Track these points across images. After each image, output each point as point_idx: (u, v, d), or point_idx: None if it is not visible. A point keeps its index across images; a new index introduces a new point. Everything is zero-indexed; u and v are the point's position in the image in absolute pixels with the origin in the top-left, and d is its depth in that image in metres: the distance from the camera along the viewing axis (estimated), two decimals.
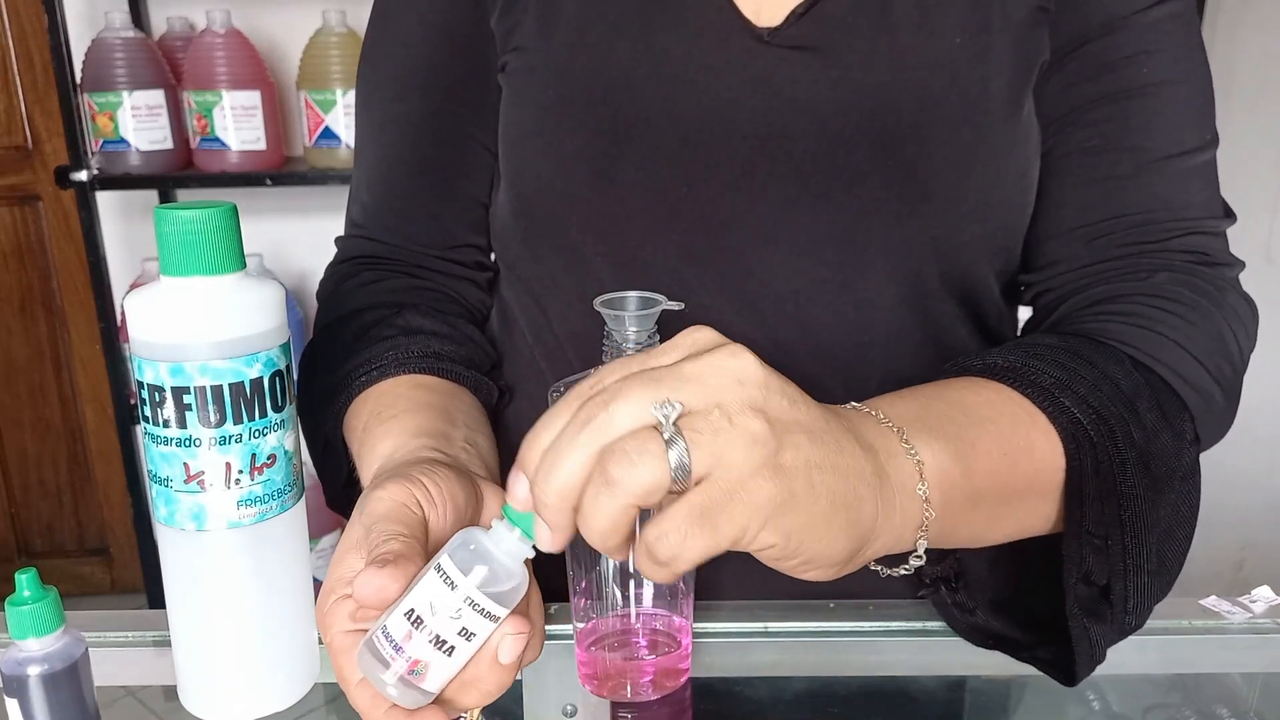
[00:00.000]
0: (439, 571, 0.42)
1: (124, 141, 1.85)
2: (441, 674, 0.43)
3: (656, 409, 0.38)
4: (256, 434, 0.48)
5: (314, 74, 1.87)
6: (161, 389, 0.46)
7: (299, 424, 0.53)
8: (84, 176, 1.84)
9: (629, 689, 0.57)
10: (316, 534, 1.85)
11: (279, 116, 1.94)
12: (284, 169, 1.93)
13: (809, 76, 0.61)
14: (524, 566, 0.44)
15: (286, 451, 0.50)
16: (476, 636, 0.42)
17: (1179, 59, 0.62)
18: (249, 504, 0.48)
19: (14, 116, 2.23)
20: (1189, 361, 0.58)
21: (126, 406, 1.97)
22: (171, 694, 0.53)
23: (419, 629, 0.42)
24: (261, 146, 1.88)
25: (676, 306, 0.51)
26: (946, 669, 0.65)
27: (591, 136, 0.63)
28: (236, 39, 1.85)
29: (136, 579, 2.33)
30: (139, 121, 1.84)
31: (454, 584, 0.42)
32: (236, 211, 0.47)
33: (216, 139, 1.85)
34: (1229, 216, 0.64)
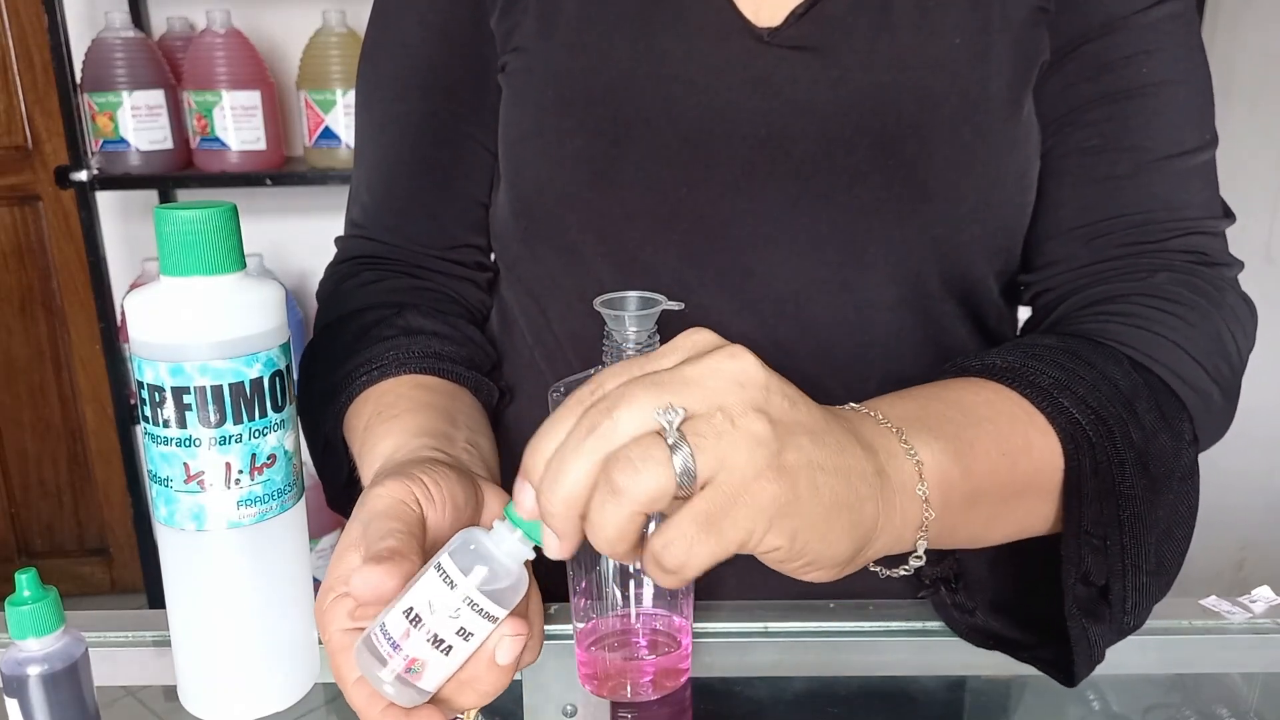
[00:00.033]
0: (439, 570, 0.42)
1: (124, 141, 1.85)
2: (438, 673, 0.43)
3: (660, 414, 0.38)
4: (256, 434, 0.48)
5: (314, 74, 1.87)
6: (161, 389, 0.46)
7: (299, 424, 0.53)
8: (84, 176, 1.84)
9: (629, 689, 0.57)
10: (316, 534, 1.85)
11: (279, 116, 1.94)
12: (284, 169, 1.93)
13: (809, 77, 0.61)
14: (524, 568, 0.44)
15: (286, 451, 0.50)
16: (474, 636, 0.42)
17: (1179, 59, 0.62)
18: (249, 504, 0.48)
19: (14, 116, 2.23)
20: (1187, 362, 0.58)
21: (126, 406, 1.97)
22: (171, 694, 0.53)
23: (417, 627, 0.42)
24: (261, 146, 1.88)
25: (676, 306, 0.51)
26: (946, 669, 0.65)
27: (591, 137, 0.63)
28: (236, 39, 1.85)
29: (136, 579, 2.33)
30: (139, 121, 1.84)
31: (453, 583, 0.42)
32: (236, 211, 0.47)
33: (216, 139, 1.85)
34: (1228, 217, 0.64)
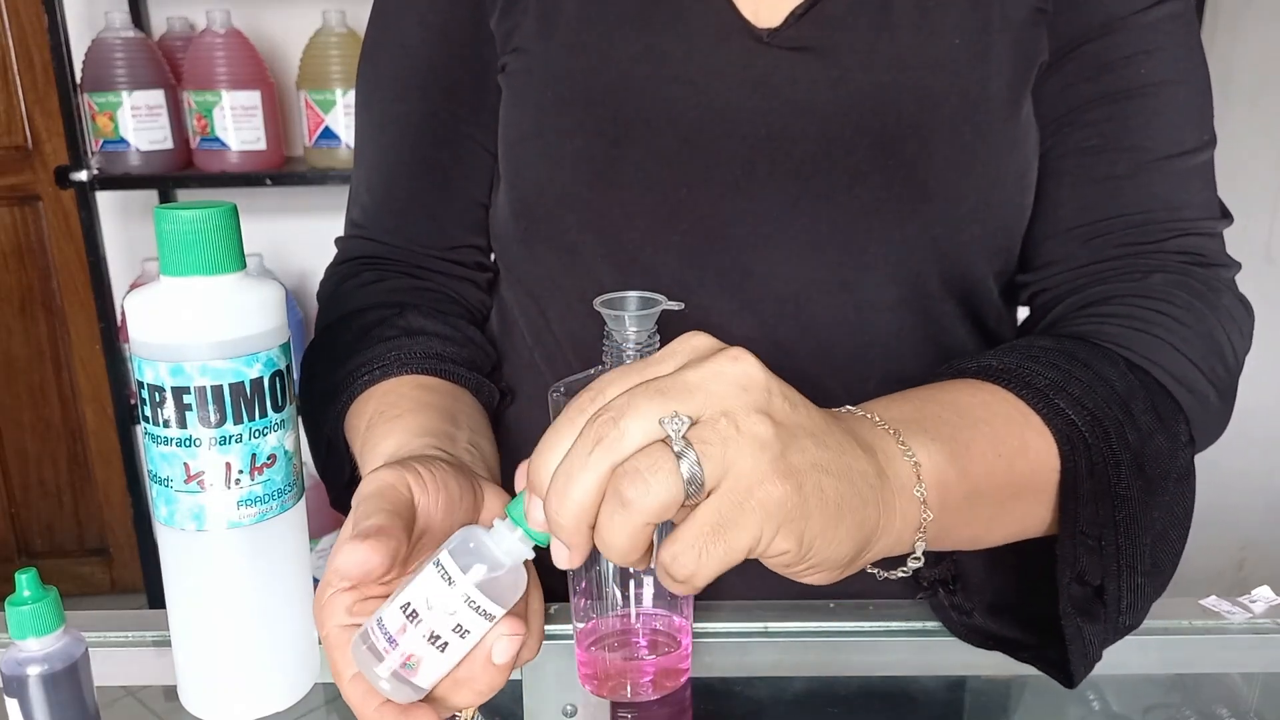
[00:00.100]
0: (437, 567, 0.42)
1: (124, 141, 1.85)
2: (434, 670, 0.43)
3: (666, 422, 0.38)
4: (256, 434, 0.48)
5: (314, 74, 1.87)
6: (161, 389, 0.46)
7: (299, 424, 0.53)
8: (84, 176, 1.83)
9: (629, 689, 0.57)
10: (316, 534, 1.84)
11: (279, 116, 1.94)
12: (284, 169, 1.93)
13: (809, 77, 0.61)
14: (523, 567, 0.44)
15: (286, 451, 0.50)
16: (471, 634, 0.42)
17: (1178, 59, 0.62)
18: (249, 504, 0.48)
19: (14, 116, 2.23)
20: (1183, 363, 0.58)
21: (126, 406, 1.97)
22: (171, 694, 0.53)
23: (414, 623, 0.42)
24: (261, 146, 1.88)
25: (676, 307, 0.50)
26: (946, 669, 0.65)
27: (591, 137, 0.63)
28: (236, 39, 1.85)
29: (136, 579, 2.33)
30: (139, 121, 1.84)
31: (452, 581, 0.42)
32: (236, 211, 0.47)
33: (216, 139, 1.85)
34: (1226, 217, 0.64)
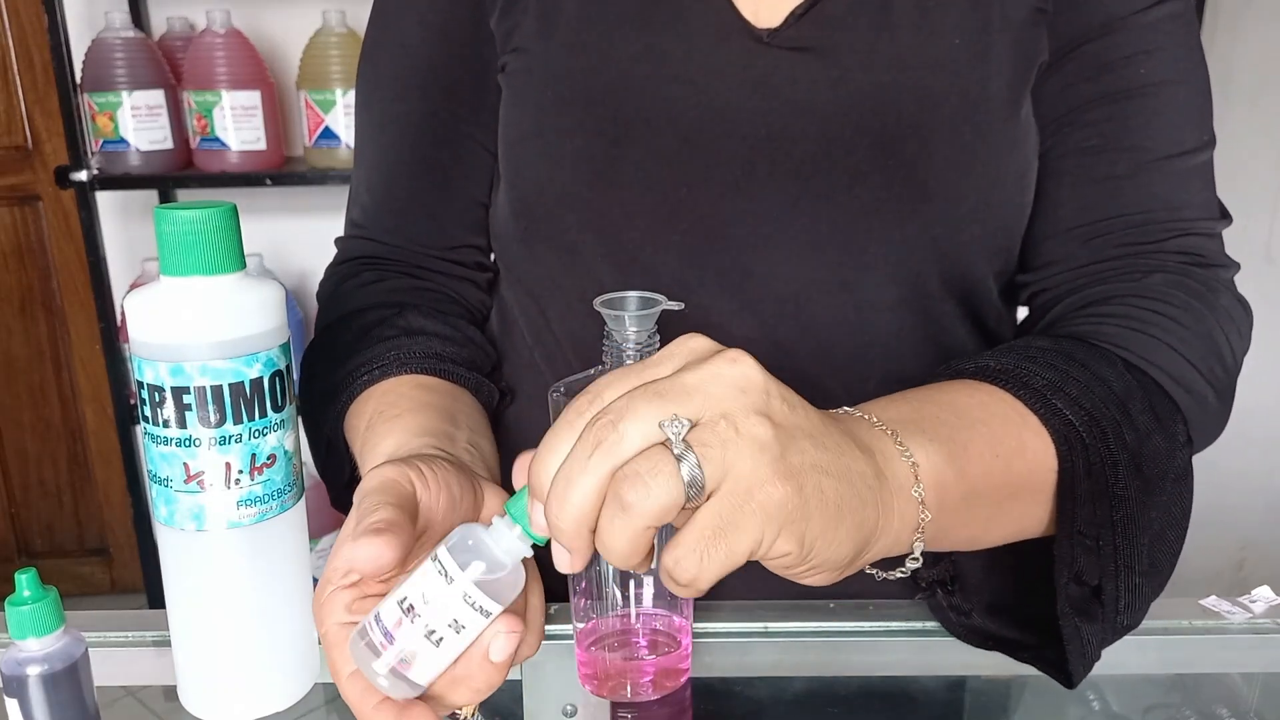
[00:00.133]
0: (435, 563, 0.42)
1: (124, 141, 1.85)
2: (431, 666, 0.43)
3: (665, 425, 0.38)
4: (256, 434, 0.48)
5: (314, 74, 1.87)
6: (161, 389, 0.46)
7: (299, 424, 0.53)
8: (84, 176, 1.84)
9: (629, 689, 0.57)
10: (316, 534, 1.84)
11: (279, 116, 1.94)
12: (284, 169, 1.93)
13: (808, 77, 0.61)
14: (522, 565, 0.44)
15: (286, 451, 0.50)
16: (468, 631, 0.42)
17: (1178, 59, 0.62)
18: (249, 504, 0.48)
19: (14, 116, 2.23)
20: (1181, 364, 0.58)
21: (126, 406, 1.97)
22: (171, 694, 0.53)
23: (411, 619, 0.42)
24: (261, 146, 1.88)
25: (676, 307, 0.50)
26: (946, 669, 0.65)
27: (591, 137, 0.63)
28: (236, 39, 1.85)
29: (136, 579, 2.33)
30: (139, 121, 1.84)
31: (450, 577, 0.42)
32: (236, 211, 0.47)
33: (216, 139, 1.85)
34: (1225, 218, 0.64)
